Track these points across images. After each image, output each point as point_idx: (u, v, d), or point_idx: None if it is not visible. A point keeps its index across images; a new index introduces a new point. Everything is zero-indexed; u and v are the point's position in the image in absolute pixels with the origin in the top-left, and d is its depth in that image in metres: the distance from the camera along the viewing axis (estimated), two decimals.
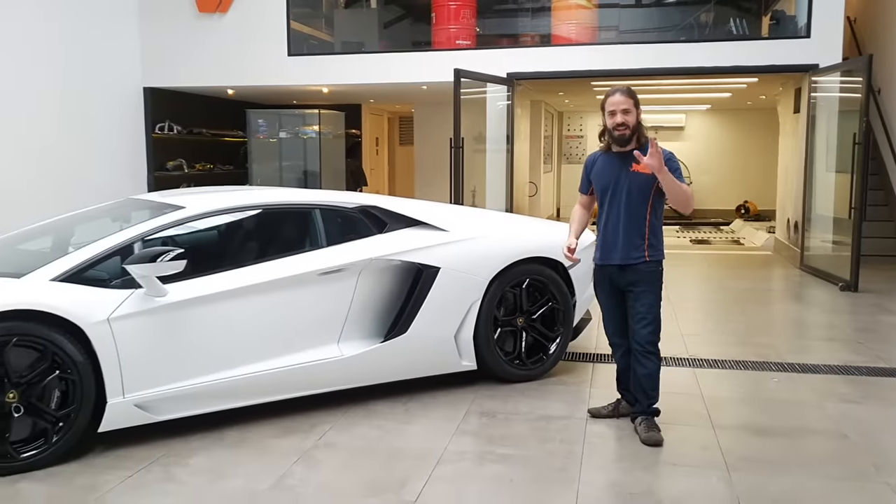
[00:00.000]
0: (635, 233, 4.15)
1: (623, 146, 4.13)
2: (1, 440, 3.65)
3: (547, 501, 3.44)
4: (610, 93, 4.16)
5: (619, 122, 4.08)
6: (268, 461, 3.84)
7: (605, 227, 4.23)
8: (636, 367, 4.23)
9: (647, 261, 4.16)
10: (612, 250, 4.20)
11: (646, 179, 4.08)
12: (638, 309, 4.19)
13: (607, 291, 4.32)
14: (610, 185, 4.19)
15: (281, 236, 4.83)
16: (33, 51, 9.25)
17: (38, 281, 3.85)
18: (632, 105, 4.09)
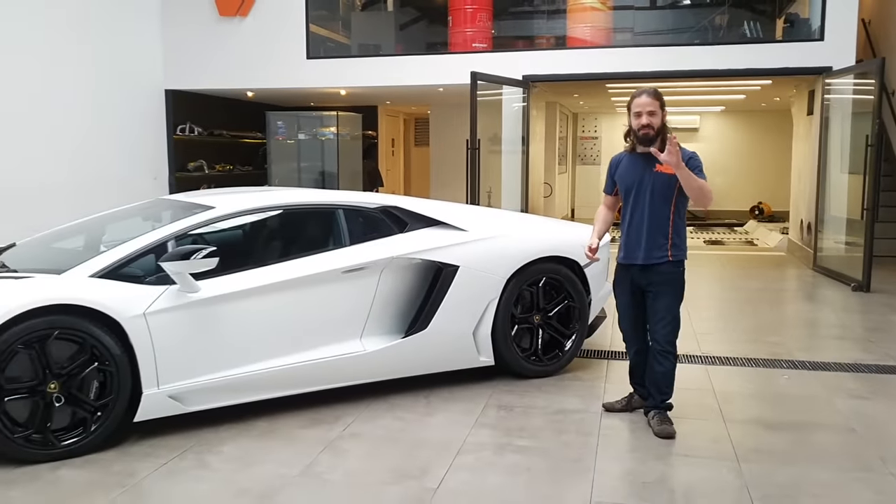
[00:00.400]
0: (658, 232, 4.23)
1: (647, 146, 4.21)
2: (43, 428, 3.83)
3: (563, 489, 3.59)
4: (637, 94, 4.24)
5: (645, 123, 4.18)
6: (296, 450, 4.01)
7: (628, 226, 4.32)
8: (653, 364, 4.35)
9: (669, 261, 4.25)
10: (635, 250, 4.28)
11: (669, 179, 4.16)
12: (658, 309, 4.29)
13: (627, 290, 4.41)
14: (634, 184, 4.28)
15: (306, 235, 5.00)
16: (62, 55, 9.48)
17: (78, 277, 4.04)
18: (657, 107, 4.19)
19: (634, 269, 4.33)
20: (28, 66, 8.98)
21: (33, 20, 9.07)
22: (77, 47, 9.75)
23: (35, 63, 9.09)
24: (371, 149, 14.62)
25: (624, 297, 4.45)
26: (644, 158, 4.28)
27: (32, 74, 9.04)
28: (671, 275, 4.28)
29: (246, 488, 3.57)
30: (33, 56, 9.07)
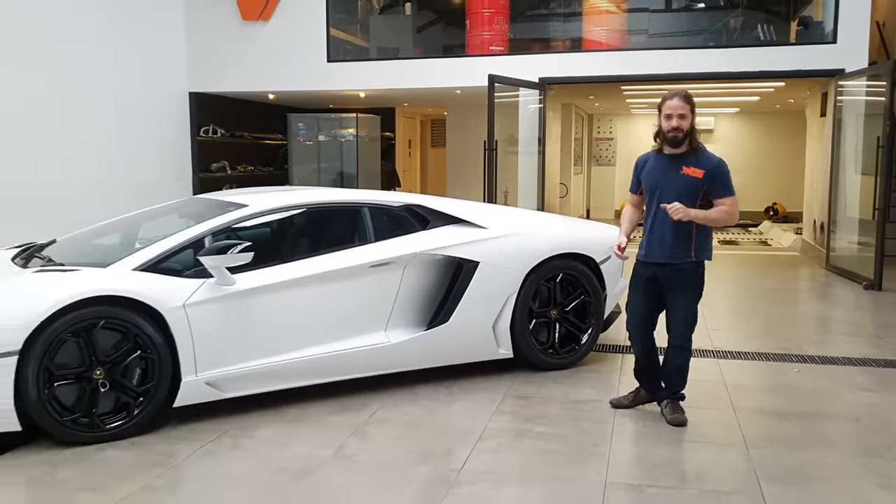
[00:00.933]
0: (683, 233, 4.32)
1: (675, 148, 4.33)
2: (89, 412, 4.07)
3: (580, 470, 3.80)
4: (668, 96, 4.35)
5: (675, 125, 4.27)
6: (326, 434, 4.24)
7: (652, 225, 4.41)
8: (669, 359, 4.51)
9: (692, 261, 4.36)
10: (658, 248, 4.37)
11: (695, 182, 4.27)
12: (677, 306, 4.42)
13: (645, 287, 4.49)
14: (659, 185, 4.37)
15: (334, 232, 5.23)
16: (91, 60, 9.79)
17: (123, 270, 4.29)
18: (688, 111, 4.28)
19: (656, 267, 4.42)
20: (58, 69, 9.28)
21: (64, 25, 9.36)
22: (105, 52, 10.04)
23: (64, 66, 9.38)
24: (389, 150, 14.86)
25: (639, 294, 4.53)
26: (671, 159, 4.36)
27: (62, 78, 9.34)
28: (693, 274, 4.39)
29: (282, 467, 3.80)
30: (63, 60, 9.37)
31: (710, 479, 3.71)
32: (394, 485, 3.64)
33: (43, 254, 4.91)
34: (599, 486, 3.59)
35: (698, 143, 4.37)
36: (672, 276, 4.39)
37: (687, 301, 4.40)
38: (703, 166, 4.31)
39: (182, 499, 3.56)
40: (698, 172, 4.28)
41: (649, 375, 4.63)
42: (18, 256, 4.94)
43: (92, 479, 3.66)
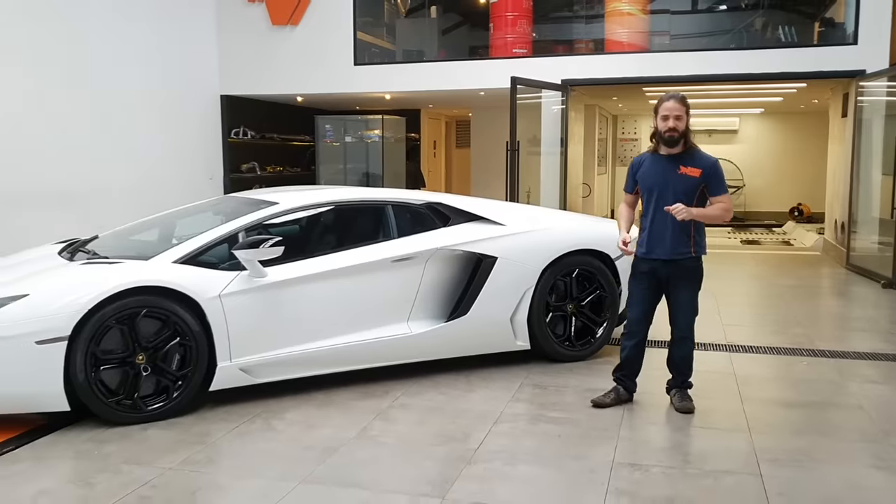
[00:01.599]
0: (682, 230, 4.53)
1: (671, 148, 4.53)
2: (132, 395, 4.38)
3: (589, 451, 4.03)
4: (664, 98, 4.56)
5: (671, 126, 4.47)
6: (351, 417, 4.51)
7: (652, 223, 4.59)
8: (676, 350, 4.72)
9: (692, 256, 4.58)
10: (659, 245, 4.57)
11: (693, 182, 4.48)
12: (680, 299, 4.63)
13: (645, 283, 4.68)
14: (658, 184, 4.55)
15: (359, 228, 5.51)
16: (126, 64, 10.16)
17: (163, 263, 4.59)
18: (683, 112, 4.49)
19: (657, 263, 4.61)
20: (94, 74, 9.66)
21: (100, 30, 9.74)
22: (140, 56, 10.42)
23: (102, 71, 9.77)
24: (413, 150, 15.15)
25: (640, 290, 4.70)
26: (668, 160, 4.56)
27: (98, 82, 9.73)
28: (694, 268, 4.62)
29: (310, 446, 4.07)
30: (99, 65, 9.75)
31: (712, 460, 3.93)
32: (414, 461, 3.90)
33: (87, 248, 5.24)
34: (607, 466, 3.83)
35: (693, 143, 4.58)
36: (674, 271, 4.59)
37: (689, 295, 4.62)
38: (700, 166, 4.52)
39: (219, 471, 3.85)
40: (696, 172, 4.49)
41: (633, 374, 4.79)
42: (65, 251, 5.27)
43: (135, 454, 3.96)
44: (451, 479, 3.66)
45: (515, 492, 3.58)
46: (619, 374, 4.83)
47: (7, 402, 4.24)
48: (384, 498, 3.48)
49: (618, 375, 4.84)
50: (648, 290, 4.69)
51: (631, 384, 4.81)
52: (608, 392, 4.81)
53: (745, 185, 19.08)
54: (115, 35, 9.98)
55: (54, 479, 3.71)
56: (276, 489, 3.54)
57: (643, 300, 4.70)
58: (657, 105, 4.60)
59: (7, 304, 4.25)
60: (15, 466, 3.83)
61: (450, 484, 3.61)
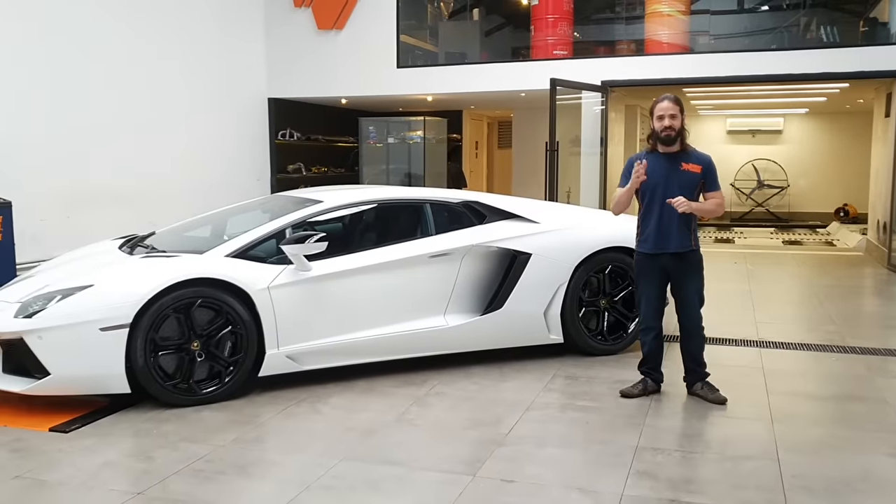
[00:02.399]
0: (685, 224, 4.76)
1: (668, 146, 4.76)
2: (187, 379, 4.71)
3: (615, 437, 4.25)
4: (659, 99, 4.80)
5: (667, 125, 4.71)
6: (390, 403, 4.78)
7: (658, 219, 4.77)
8: (689, 342, 4.90)
9: (693, 249, 4.81)
10: (666, 240, 4.77)
11: (695, 177, 4.73)
12: (689, 292, 4.83)
13: (654, 279, 4.88)
14: (661, 181, 4.75)
15: (398, 225, 5.79)
16: (178, 69, 10.61)
17: (216, 257, 4.93)
18: (678, 111, 4.72)
19: (665, 258, 4.80)
20: (147, 78, 10.12)
21: (152, 34, 10.19)
22: (192, 62, 10.86)
23: (154, 76, 10.22)
24: (455, 151, 15.40)
25: (650, 286, 4.90)
26: (668, 158, 4.78)
27: (152, 85, 10.18)
28: (696, 261, 4.85)
29: (351, 427, 4.36)
30: (152, 70, 10.20)
31: (732, 446, 4.12)
32: (447, 443, 4.16)
33: (145, 243, 5.60)
34: (631, 450, 4.04)
35: (687, 142, 4.80)
36: (681, 264, 4.81)
37: (697, 287, 4.84)
38: (699, 162, 4.78)
39: (267, 448, 4.16)
40: (696, 168, 4.73)
41: (656, 364, 5.00)
42: (124, 245, 5.64)
43: (191, 433, 4.28)
44: (483, 459, 3.90)
45: (542, 470, 3.81)
46: (645, 367, 5.03)
47: (74, 384, 4.60)
48: (418, 475, 3.74)
49: (644, 369, 5.03)
50: (659, 285, 4.91)
51: (658, 375, 5.01)
52: (636, 383, 5.00)
53: (790, 186, 18.98)
54: (167, 40, 10.42)
55: (117, 453, 4.04)
56: (319, 465, 3.83)
57: (655, 296, 4.93)
58: (652, 106, 4.84)
59: (74, 294, 4.61)
60: (82, 441, 4.17)
61: (481, 463, 3.86)
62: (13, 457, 3.97)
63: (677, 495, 3.51)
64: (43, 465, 3.86)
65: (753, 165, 18.91)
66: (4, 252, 7.75)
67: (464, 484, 3.62)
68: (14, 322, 4.59)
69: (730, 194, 19.33)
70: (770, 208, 19.03)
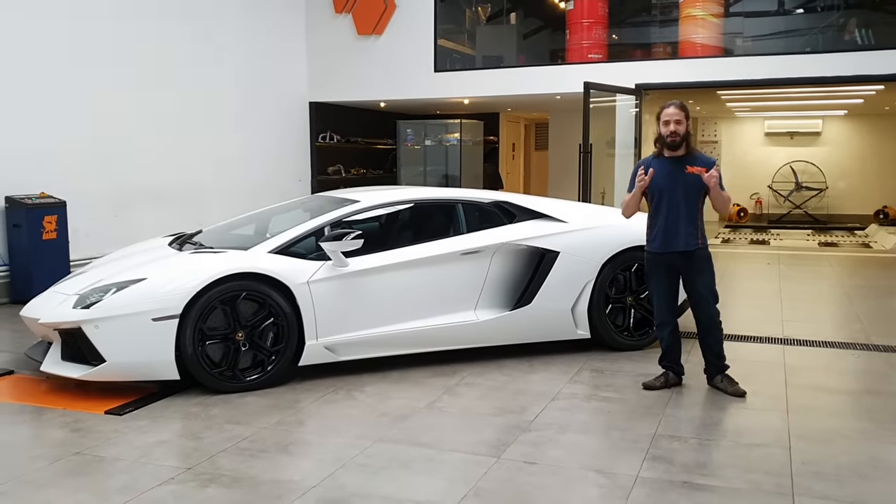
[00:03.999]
0: (691, 224, 4.98)
1: (674, 151, 4.98)
2: (232, 367, 5.03)
3: (634, 424, 4.46)
4: (665, 106, 5.00)
5: (672, 130, 4.93)
6: (422, 391, 5.05)
7: (666, 220, 4.99)
8: (708, 336, 5.07)
9: (700, 246, 5.01)
10: (674, 239, 4.98)
11: (697, 180, 4.90)
12: (701, 287, 5.01)
13: (664, 276, 5.10)
14: (667, 184, 4.96)
15: (431, 224, 6.06)
16: (225, 74, 11.02)
17: (260, 252, 5.24)
18: (683, 117, 4.93)
19: (674, 256, 5.01)
20: (195, 83, 10.54)
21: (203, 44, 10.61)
22: (238, 67, 11.28)
23: (201, 80, 10.64)
24: (492, 153, 15.65)
25: (661, 284, 5.12)
26: (675, 162, 5.00)
27: (200, 90, 10.60)
28: (706, 257, 5.04)
29: (385, 412, 4.64)
30: (200, 74, 10.62)
31: (747, 434, 4.31)
32: (475, 428, 4.42)
33: (193, 240, 5.94)
34: (649, 437, 4.25)
35: (693, 146, 5.03)
36: (691, 262, 5.00)
37: (707, 281, 5.02)
38: (704, 165, 4.96)
39: (307, 430, 4.46)
40: (701, 170, 4.90)
41: (676, 357, 5.19)
42: (174, 242, 5.99)
43: (236, 416, 4.59)
44: (507, 443, 4.15)
45: (563, 453, 4.05)
46: (665, 361, 5.23)
47: (127, 370, 4.94)
48: (446, 455, 3.99)
49: (664, 363, 5.23)
50: (669, 281, 5.12)
51: (678, 368, 5.21)
52: (658, 376, 5.20)
53: (828, 188, 18.87)
54: (215, 46, 10.84)
55: (169, 433, 4.36)
56: (354, 445, 4.11)
57: (666, 293, 5.14)
58: (659, 112, 5.05)
59: (128, 287, 4.95)
60: (136, 423, 4.50)
61: (505, 447, 4.10)
62: (74, 435, 4.30)
63: (690, 478, 3.72)
64: (101, 443, 4.19)
65: (791, 167, 18.84)
66: (60, 248, 8.22)
67: (489, 465, 3.87)
68: (73, 312, 4.95)
69: (767, 196, 19.30)
70: (808, 210, 18.95)
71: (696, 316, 5.11)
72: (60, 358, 5.07)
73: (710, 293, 5.05)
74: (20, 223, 8.00)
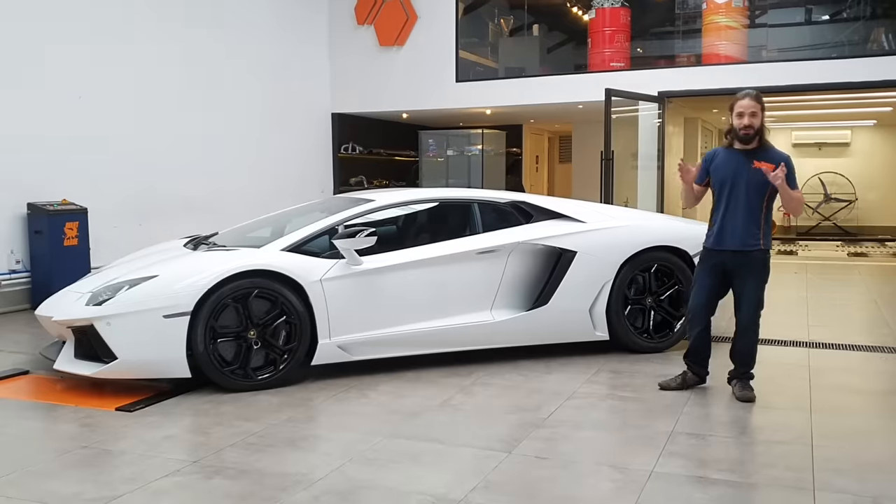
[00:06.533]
0: (752, 222, 4.71)
1: (746, 144, 4.71)
2: (244, 365, 4.99)
3: (651, 422, 4.35)
4: (740, 96, 4.72)
5: (747, 123, 4.65)
6: (436, 390, 4.97)
7: (724, 215, 4.73)
8: (738, 343, 4.85)
9: (761, 248, 4.74)
10: (730, 237, 4.74)
11: (765, 176, 4.61)
12: (747, 290, 4.77)
13: (712, 273, 4.85)
14: (730, 177, 4.70)
15: (447, 223, 6.01)
16: (247, 85, 11.10)
17: (273, 250, 5.21)
18: (759, 109, 4.67)
19: (726, 254, 4.77)
20: (220, 95, 10.62)
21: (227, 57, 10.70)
22: (262, 78, 11.35)
23: (225, 93, 10.71)
24: (515, 165, 15.59)
25: (707, 279, 4.88)
26: (742, 155, 4.73)
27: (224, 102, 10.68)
28: (761, 260, 4.76)
29: (397, 410, 4.57)
30: (225, 86, 10.69)
31: (768, 432, 4.19)
32: (488, 425, 4.33)
33: (208, 241, 5.93)
34: (666, 434, 4.14)
35: (766, 140, 4.77)
36: (743, 262, 4.75)
37: (756, 286, 4.76)
38: (774, 160, 4.69)
39: (317, 426, 4.40)
40: (770, 166, 4.67)
41: (701, 360, 4.99)
42: (189, 244, 5.98)
43: (246, 413, 4.54)
44: (520, 439, 4.06)
45: (576, 449, 3.96)
46: (689, 359, 5.04)
47: (139, 367, 4.91)
48: (457, 450, 3.92)
49: (688, 361, 5.05)
50: (714, 279, 4.87)
51: (700, 370, 5.03)
52: (676, 376, 5.06)
53: (858, 200, 18.57)
54: (241, 57, 10.93)
55: (178, 429, 4.33)
56: (364, 440, 4.04)
57: (707, 288, 4.89)
58: (732, 102, 4.77)
59: (140, 284, 4.95)
60: (146, 419, 4.47)
61: (518, 442, 4.01)
62: (83, 430, 4.28)
63: (706, 473, 3.61)
64: (109, 438, 4.16)
65: (820, 179, 18.57)
66: (81, 255, 8.27)
67: (500, 459, 3.78)
68: (85, 309, 4.95)
69: None
70: (838, 222, 18.64)
71: (736, 316, 4.86)
72: (74, 356, 5.07)
73: (756, 298, 4.77)
74: (42, 230, 8.07)
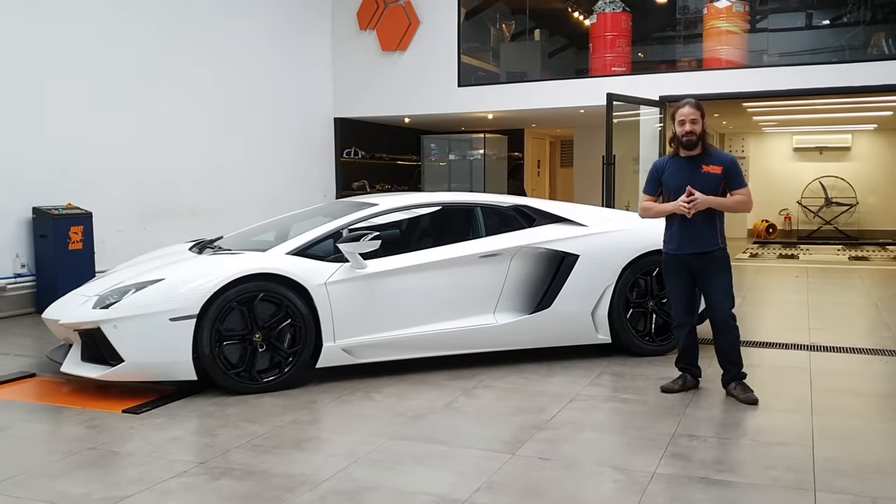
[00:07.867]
0: (709, 224, 4.84)
1: (690, 150, 4.84)
2: (249, 368, 5.02)
3: (653, 424, 4.38)
4: (680, 105, 4.88)
5: (688, 130, 4.79)
6: (440, 393, 5.01)
7: (682, 220, 4.86)
8: (721, 340, 4.93)
9: (720, 247, 4.87)
10: (689, 241, 4.86)
11: (715, 178, 4.79)
12: (716, 288, 4.87)
13: (680, 277, 4.97)
14: (684, 185, 4.78)
15: (450, 227, 6.06)
16: (251, 91, 11.16)
17: (278, 254, 5.26)
18: (699, 116, 4.80)
19: (690, 258, 4.89)
20: (224, 100, 10.68)
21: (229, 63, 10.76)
22: (264, 84, 11.41)
23: (229, 98, 10.77)
24: (517, 169, 15.65)
25: (678, 284, 4.99)
26: (690, 161, 4.88)
27: (227, 107, 10.73)
28: (723, 259, 4.90)
29: (401, 413, 4.61)
30: (228, 92, 10.76)
31: (768, 433, 4.22)
32: (491, 426, 4.37)
33: (213, 245, 5.97)
34: (667, 436, 4.17)
35: (709, 144, 4.90)
36: (707, 262, 4.86)
37: (724, 282, 4.88)
38: (720, 163, 4.85)
39: (321, 428, 4.44)
40: (717, 169, 4.80)
41: (693, 359, 5.08)
42: (194, 247, 6.03)
43: (252, 415, 4.58)
44: (523, 441, 4.10)
45: (579, 450, 3.99)
46: (683, 363, 5.13)
47: (145, 370, 4.96)
48: (461, 452, 3.95)
49: (681, 365, 5.14)
50: (685, 281, 4.98)
51: (695, 370, 5.11)
52: (676, 379, 5.12)
53: (859, 204, 18.61)
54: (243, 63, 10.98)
55: (184, 430, 4.37)
56: (368, 442, 4.08)
57: (683, 294, 5.01)
58: (673, 111, 4.93)
59: (147, 287, 4.99)
60: (152, 420, 4.52)
61: (520, 444, 4.05)
62: (89, 432, 4.32)
63: (708, 474, 3.64)
64: (115, 439, 4.20)
65: (821, 183, 18.62)
66: (86, 259, 8.31)
67: (503, 460, 3.82)
68: (92, 313, 4.99)
69: (796, 212, 19.06)
70: (839, 226, 18.68)
71: (711, 318, 4.97)
72: (80, 359, 5.12)
73: (725, 295, 4.89)
74: (47, 234, 8.12)
